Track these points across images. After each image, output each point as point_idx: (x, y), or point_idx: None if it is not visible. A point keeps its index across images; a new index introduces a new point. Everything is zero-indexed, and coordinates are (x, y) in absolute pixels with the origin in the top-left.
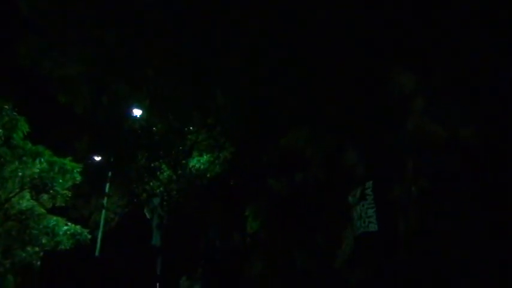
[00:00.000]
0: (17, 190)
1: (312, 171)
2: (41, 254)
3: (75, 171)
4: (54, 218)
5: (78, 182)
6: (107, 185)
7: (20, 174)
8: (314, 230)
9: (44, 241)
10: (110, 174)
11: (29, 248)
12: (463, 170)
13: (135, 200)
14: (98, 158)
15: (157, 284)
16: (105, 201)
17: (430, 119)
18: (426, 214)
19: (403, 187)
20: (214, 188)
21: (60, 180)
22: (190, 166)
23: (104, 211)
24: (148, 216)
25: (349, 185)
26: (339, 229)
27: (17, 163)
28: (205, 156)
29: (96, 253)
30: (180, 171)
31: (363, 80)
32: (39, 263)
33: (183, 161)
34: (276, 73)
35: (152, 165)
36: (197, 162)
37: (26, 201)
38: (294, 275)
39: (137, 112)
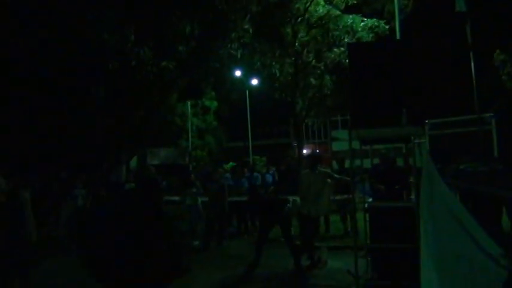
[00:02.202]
0: None
1: None
2: (347, 52)
3: None
4: (350, 16)
5: None
6: None
7: None
8: None
9: (346, 40)
10: None
11: (335, 49)
12: None
13: None
14: None
15: None
16: None
17: None
18: None
19: None
20: None
21: None
22: None
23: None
24: None
25: None
26: None
27: None
28: None
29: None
30: None
31: None
32: (347, 60)
33: None
34: None
35: None
36: None
37: (321, 7)
38: None
39: None
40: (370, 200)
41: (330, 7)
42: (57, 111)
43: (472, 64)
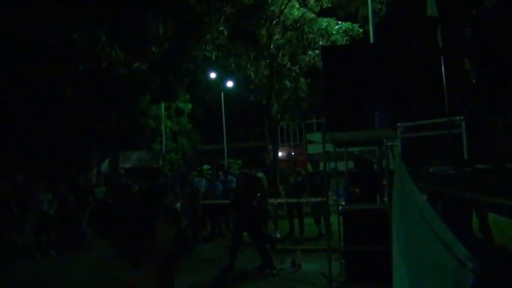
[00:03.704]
0: (286, 1)
1: None
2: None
3: None
4: (325, 19)
5: None
6: None
7: None
8: None
9: (320, 43)
10: None
11: (310, 52)
12: None
13: None
14: None
15: None
16: None
17: None
18: None
19: None
20: None
21: None
22: None
23: (369, 3)
24: None
25: None
26: None
27: None
28: None
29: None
30: None
31: None
32: (320, 63)
33: None
34: None
35: None
36: None
37: (296, 10)
38: None
39: None
40: (344, 202)
41: (305, 10)
42: (20, 111)
43: (443, 68)
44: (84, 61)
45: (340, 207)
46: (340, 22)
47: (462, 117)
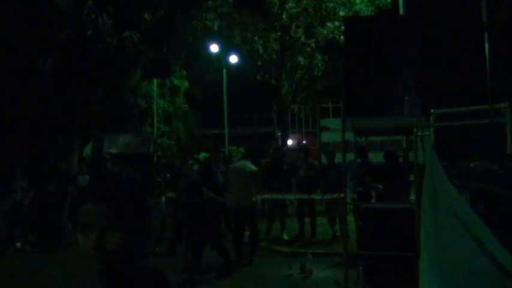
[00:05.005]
0: None
1: None
2: (342, 27)
3: None
4: None
5: None
6: None
7: None
8: None
9: (341, 13)
10: None
11: (329, 24)
12: None
13: None
14: None
15: None
16: None
17: None
18: None
19: None
20: None
21: None
22: None
23: None
24: None
25: None
26: None
27: None
28: None
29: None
30: None
31: None
32: (342, 37)
33: None
34: None
35: None
36: None
37: None
38: None
39: None
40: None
41: None
42: None
43: (487, 46)
44: (66, 28)
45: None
46: None
47: (507, 104)
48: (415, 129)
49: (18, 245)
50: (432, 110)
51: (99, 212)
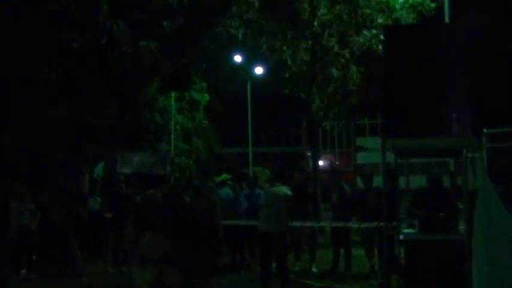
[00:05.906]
0: None
1: None
2: (380, 36)
3: None
4: None
5: None
6: None
7: None
8: None
9: (380, 20)
10: None
11: (365, 32)
12: None
13: None
14: None
15: None
16: None
17: None
18: None
19: None
20: None
21: None
22: None
23: None
24: None
25: None
26: None
27: None
28: None
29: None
30: None
31: None
32: (380, 46)
33: None
34: None
35: None
36: None
37: None
38: None
39: None
40: (407, 230)
41: None
42: None
43: None
44: (79, 37)
45: (401, 236)
46: None
47: None
48: (464, 151)
49: (23, 272)
50: (485, 130)
51: (164, 245)
